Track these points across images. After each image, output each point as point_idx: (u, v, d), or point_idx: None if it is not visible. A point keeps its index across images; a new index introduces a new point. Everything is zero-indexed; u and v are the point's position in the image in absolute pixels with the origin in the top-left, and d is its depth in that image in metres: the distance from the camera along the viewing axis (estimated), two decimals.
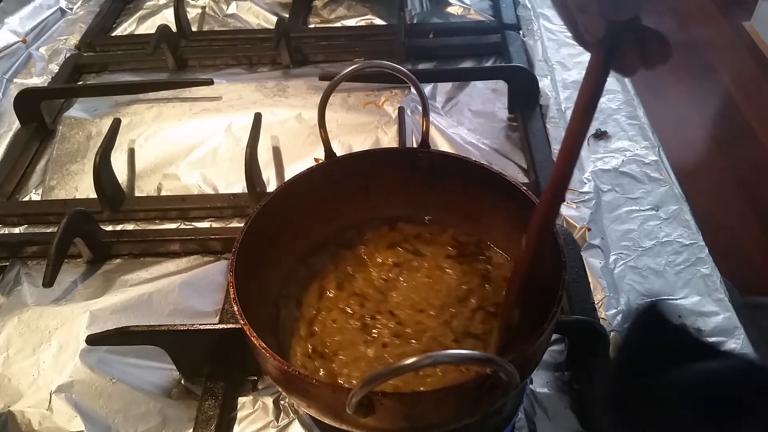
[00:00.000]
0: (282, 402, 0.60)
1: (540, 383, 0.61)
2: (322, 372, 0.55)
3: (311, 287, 0.62)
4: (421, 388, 0.52)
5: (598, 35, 0.40)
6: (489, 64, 1.01)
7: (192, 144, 0.86)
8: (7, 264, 0.75)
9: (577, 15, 0.41)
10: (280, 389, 0.51)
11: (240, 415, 0.60)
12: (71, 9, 1.21)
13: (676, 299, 0.66)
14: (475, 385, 0.43)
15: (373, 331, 0.58)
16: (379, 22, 1.12)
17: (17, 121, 0.93)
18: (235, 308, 0.49)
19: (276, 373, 0.48)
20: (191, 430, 0.58)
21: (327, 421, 0.47)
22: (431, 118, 0.86)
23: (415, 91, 0.90)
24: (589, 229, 0.73)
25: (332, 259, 0.64)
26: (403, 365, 0.38)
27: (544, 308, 0.48)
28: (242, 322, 0.48)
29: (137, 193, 0.83)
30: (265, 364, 0.49)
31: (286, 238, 0.62)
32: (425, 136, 0.63)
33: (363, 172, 0.64)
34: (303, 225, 0.63)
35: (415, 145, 0.77)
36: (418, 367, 0.38)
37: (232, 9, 1.16)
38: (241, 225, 0.77)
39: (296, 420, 0.59)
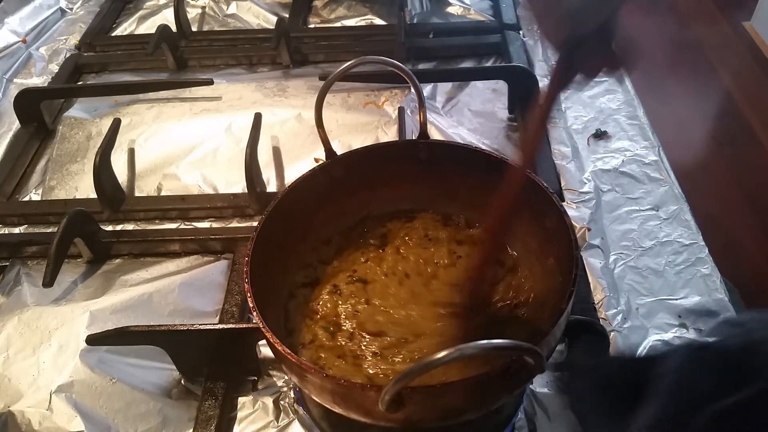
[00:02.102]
0: (282, 402, 0.60)
1: (540, 383, 0.61)
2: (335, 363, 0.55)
3: (320, 284, 0.62)
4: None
5: (561, 37, 0.46)
6: (489, 64, 1.01)
7: (192, 144, 0.86)
8: (7, 264, 0.75)
9: (545, 16, 0.47)
10: (299, 386, 0.51)
11: (240, 415, 0.60)
12: (71, 9, 1.21)
13: (676, 299, 0.66)
14: (500, 372, 0.43)
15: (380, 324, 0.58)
16: (379, 22, 1.12)
17: (17, 121, 0.93)
18: (255, 317, 0.49)
19: (301, 375, 0.48)
20: (191, 430, 0.58)
21: (355, 417, 0.47)
22: (431, 118, 0.86)
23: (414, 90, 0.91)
24: (589, 229, 0.73)
25: (339, 256, 0.64)
26: (434, 360, 0.38)
27: (558, 293, 0.48)
28: (266, 331, 0.48)
29: (137, 193, 0.83)
30: (289, 368, 0.49)
31: (294, 241, 0.62)
32: (423, 127, 0.63)
33: (364, 169, 0.64)
34: (310, 226, 0.63)
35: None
36: (447, 360, 0.39)
37: (232, 9, 1.16)
38: (242, 225, 0.78)
39: (296, 420, 0.59)
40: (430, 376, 0.44)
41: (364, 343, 0.56)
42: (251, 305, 0.50)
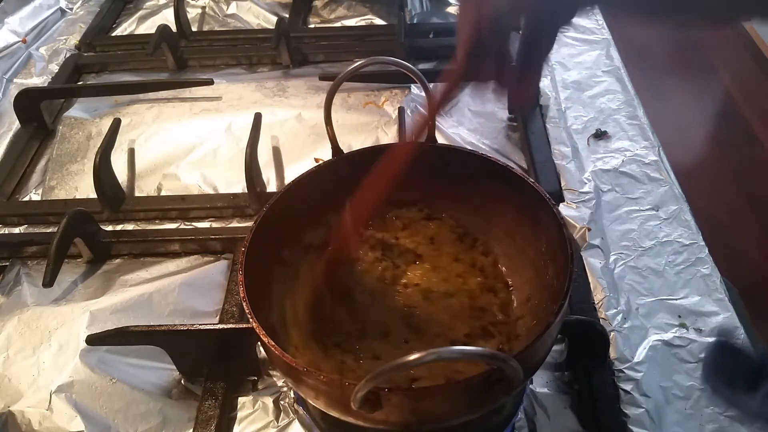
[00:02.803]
0: (282, 402, 0.60)
1: (540, 383, 0.61)
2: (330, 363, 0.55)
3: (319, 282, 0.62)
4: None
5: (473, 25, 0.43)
6: None
7: (192, 144, 0.86)
8: (7, 264, 0.75)
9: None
10: (290, 384, 0.51)
11: (240, 415, 0.60)
12: (71, 9, 1.21)
13: (676, 299, 0.66)
14: (481, 380, 0.43)
15: (380, 323, 0.58)
16: (379, 22, 1.12)
17: (17, 121, 0.93)
18: (245, 306, 0.49)
19: (286, 370, 0.48)
20: (191, 430, 0.58)
21: (336, 415, 0.47)
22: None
23: (414, 91, 0.92)
24: (589, 229, 0.73)
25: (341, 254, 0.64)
26: (407, 361, 0.38)
27: (550, 302, 0.48)
28: (253, 322, 0.48)
29: (137, 193, 0.83)
30: (275, 362, 0.49)
31: (293, 236, 0.62)
32: (431, 131, 0.63)
33: (370, 169, 0.64)
34: (311, 223, 0.63)
35: None
36: (422, 362, 0.38)
37: (232, 9, 1.16)
38: (242, 225, 0.78)
39: (296, 420, 0.59)
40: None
41: (356, 342, 0.56)
42: (242, 295, 0.49)
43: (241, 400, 0.61)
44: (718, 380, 0.51)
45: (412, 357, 0.38)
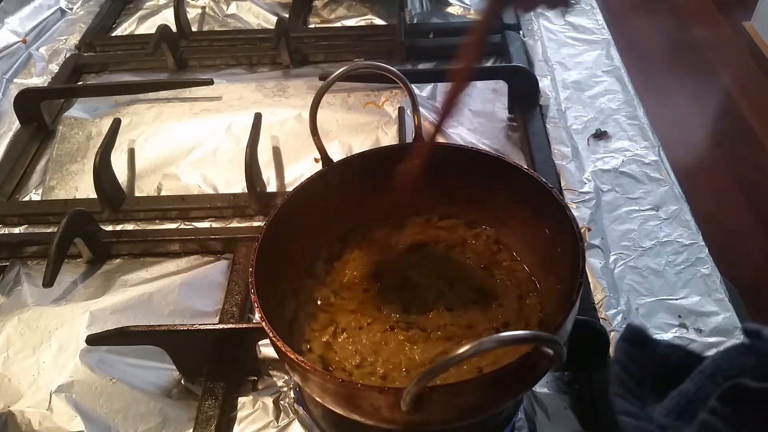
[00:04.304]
0: (282, 402, 0.60)
1: (540, 383, 0.60)
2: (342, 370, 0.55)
3: (324, 291, 0.61)
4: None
5: None
6: (489, 64, 1.01)
7: (192, 144, 0.86)
8: (7, 264, 0.75)
9: None
10: (302, 388, 0.51)
11: (240, 415, 0.60)
12: (71, 9, 1.21)
13: (676, 299, 0.67)
14: (517, 366, 0.43)
15: (391, 330, 0.57)
16: (379, 22, 1.12)
17: (17, 121, 0.93)
18: (264, 326, 0.48)
19: (313, 381, 0.47)
20: (191, 430, 0.58)
21: (370, 422, 0.46)
22: (431, 119, 0.86)
23: (414, 91, 0.91)
24: (589, 229, 0.73)
25: (344, 262, 0.63)
26: (454, 356, 0.38)
27: (567, 284, 0.48)
28: (273, 337, 0.47)
29: (137, 193, 0.83)
30: (299, 374, 0.48)
31: (295, 249, 0.61)
32: (418, 130, 0.63)
33: (363, 174, 0.63)
34: (311, 235, 0.62)
35: None
36: (468, 356, 0.38)
37: (232, 9, 1.16)
38: (242, 225, 0.78)
39: (296, 420, 0.59)
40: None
41: (363, 349, 0.56)
42: (259, 315, 0.48)
43: (241, 400, 0.61)
44: (624, 376, 0.44)
45: (459, 351, 0.38)
